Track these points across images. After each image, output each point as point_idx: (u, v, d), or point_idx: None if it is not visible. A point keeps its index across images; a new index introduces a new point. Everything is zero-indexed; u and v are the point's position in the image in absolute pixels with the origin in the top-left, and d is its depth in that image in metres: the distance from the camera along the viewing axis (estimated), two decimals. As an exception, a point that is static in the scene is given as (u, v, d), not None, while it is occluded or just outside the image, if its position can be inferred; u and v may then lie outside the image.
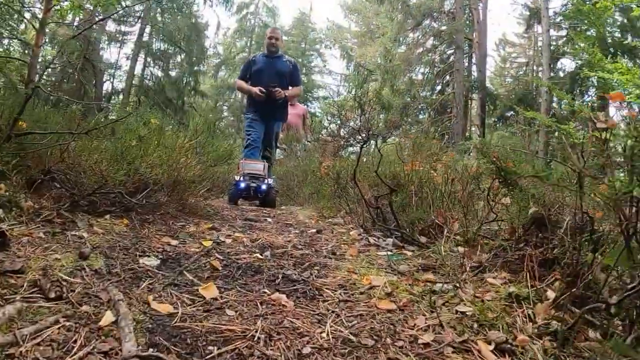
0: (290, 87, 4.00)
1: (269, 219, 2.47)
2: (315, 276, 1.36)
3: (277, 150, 4.64)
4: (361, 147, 1.98)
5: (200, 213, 2.14)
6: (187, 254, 1.46)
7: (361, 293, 1.27)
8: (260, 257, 1.51)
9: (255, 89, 3.78)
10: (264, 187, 3.42)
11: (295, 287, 1.24)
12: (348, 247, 1.86)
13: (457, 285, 1.48)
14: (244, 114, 4.35)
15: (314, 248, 1.78)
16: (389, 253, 1.84)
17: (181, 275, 1.23)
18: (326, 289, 1.26)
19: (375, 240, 2.08)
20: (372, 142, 2.01)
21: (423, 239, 2.19)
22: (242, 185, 3.37)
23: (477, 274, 1.64)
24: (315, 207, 2.97)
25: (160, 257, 1.39)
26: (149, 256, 1.38)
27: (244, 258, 1.48)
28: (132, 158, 1.91)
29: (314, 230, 2.13)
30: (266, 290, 1.18)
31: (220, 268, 1.33)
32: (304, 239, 1.92)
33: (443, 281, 1.53)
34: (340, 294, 1.24)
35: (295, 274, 1.36)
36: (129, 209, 1.87)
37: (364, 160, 3.08)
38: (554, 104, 11.51)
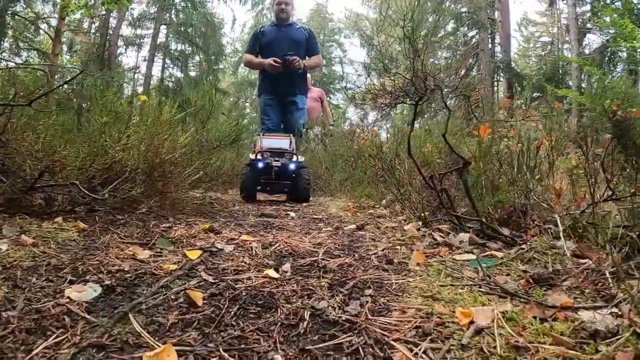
0: (307, 58, 3.39)
1: (292, 214, 1.89)
2: (369, 311, 0.75)
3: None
4: (416, 105, 1.34)
5: (192, 209, 1.58)
6: (154, 276, 0.89)
7: (464, 347, 0.65)
8: (274, 275, 0.92)
9: (269, 60, 3.20)
10: (292, 166, 2.37)
11: (336, 341, 0.63)
12: (408, 250, 1.24)
13: (618, 311, 0.84)
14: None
15: (357, 254, 1.17)
16: (474, 257, 1.21)
17: (122, 323, 0.66)
18: (396, 341, 0.65)
19: (442, 236, 1.44)
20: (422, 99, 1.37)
21: (505, 231, 1.54)
22: (261, 165, 2.35)
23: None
24: (350, 197, 2.35)
25: (107, 282, 0.83)
26: (87, 281, 0.83)
27: (248, 279, 0.89)
28: (101, 138, 1.38)
29: (353, 227, 1.52)
30: (279, 358, 0.58)
31: (201, 303, 0.75)
32: (341, 240, 1.32)
33: (588, 306, 0.89)
34: (427, 353, 0.62)
35: (334, 308, 0.75)
36: (94, 209, 1.34)
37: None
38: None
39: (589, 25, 11.19)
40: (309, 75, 4.08)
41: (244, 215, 1.74)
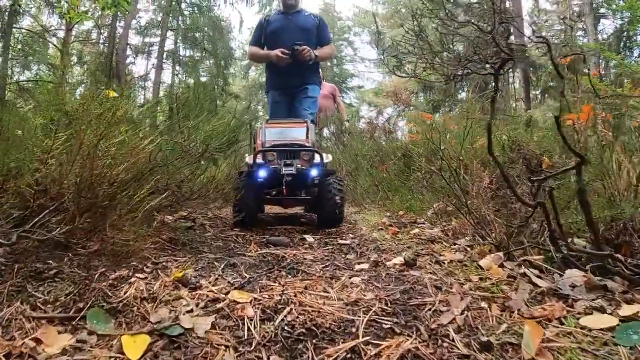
0: (319, 48, 2.92)
1: (310, 238, 1.41)
2: None
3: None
4: (497, 75, 0.84)
5: (168, 238, 1.12)
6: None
7: None
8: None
9: (276, 51, 2.75)
10: (314, 172, 1.57)
11: None
12: (503, 312, 0.75)
13: None
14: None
15: (421, 324, 0.69)
16: (613, 320, 0.71)
17: None
18: None
19: (540, 277, 0.93)
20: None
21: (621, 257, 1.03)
22: (263, 173, 1.55)
23: None
24: (382, 208, 1.86)
25: None
26: None
27: None
28: (29, 149, 0.94)
29: (401, 261, 1.03)
30: None
31: None
32: (388, 292, 0.84)
33: None
34: None
35: None
36: (16, 253, 0.90)
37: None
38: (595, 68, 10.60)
39: (602, 11, 10.93)
40: (320, 70, 3.62)
41: (244, 245, 1.28)
